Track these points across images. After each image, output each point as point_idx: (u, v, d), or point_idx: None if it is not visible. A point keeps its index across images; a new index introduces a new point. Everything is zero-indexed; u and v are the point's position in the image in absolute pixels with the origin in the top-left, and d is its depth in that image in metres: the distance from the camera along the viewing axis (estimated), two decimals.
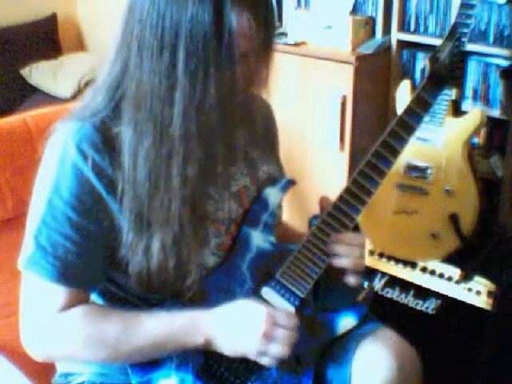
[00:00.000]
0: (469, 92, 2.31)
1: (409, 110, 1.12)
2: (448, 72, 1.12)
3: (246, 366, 1.11)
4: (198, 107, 0.97)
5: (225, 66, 0.96)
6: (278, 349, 1.03)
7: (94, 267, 1.06)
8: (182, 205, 1.01)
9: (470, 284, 1.99)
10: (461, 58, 1.14)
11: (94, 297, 1.15)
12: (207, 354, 1.08)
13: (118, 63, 1.03)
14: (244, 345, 1.04)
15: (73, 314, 1.05)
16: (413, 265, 2.13)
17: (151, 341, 1.04)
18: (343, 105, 2.38)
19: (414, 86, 2.26)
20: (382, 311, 1.31)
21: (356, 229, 1.18)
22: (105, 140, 1.03)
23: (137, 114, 1.00)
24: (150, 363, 1.08)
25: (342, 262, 1.12)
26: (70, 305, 1.05)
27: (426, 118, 1.15)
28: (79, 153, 1.01)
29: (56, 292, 1.04)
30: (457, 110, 2.19)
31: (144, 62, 0.98)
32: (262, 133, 1.25)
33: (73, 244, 1.03)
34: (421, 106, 1.12)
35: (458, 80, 1.24)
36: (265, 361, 1.05)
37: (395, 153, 1.12)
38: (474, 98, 2.31)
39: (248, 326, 1.04)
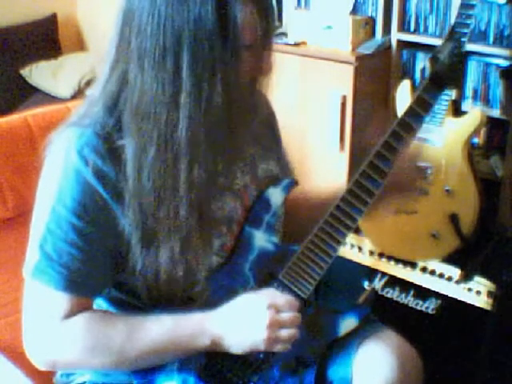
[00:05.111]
0: (469, 92, 2.31)
1: (410, 111, 1.12)
2: (448, 73, 1.12)
3: (247, 366, 1.11)
4: (205, 107, 0.96)
5: (230, 61, 0.95)
6: (288, 332, 1.04)
7: (100, 274, 1.05)
8: (189, 210, 1.01)
9: (470, 284, 1.99)
10: (461, 59, 1.14)
11: (102, 304, 1.15)
12: (209, 355, 1.08)
13: (116, 75, 1.01)
14: (252, 337, 1.04)
15: (76, 321, 1.03)
16: (413, 265, 2.12)
17: (156, 346, 1.03)
18: (343, 105, 2.38)
19: (414, 86, 2.26)
20: (382, 311, 1.31)
21: (356, 228, 1.18)
22: (108, 148, 1.01)
23: (140, 125, 0.98)
24: None
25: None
26: (73, 312, 1.03)
27: (426, 118, 1.16)
28: (81, 159, 1.00)
29: (60, 300, 1.02)
30: (457, 110, 2.19)
31: (145, 71, 0.96)
32: (261, 128, 1.24)
33: (78, 251, 1.01)
34: (422, 107, 1.12)
35: (459, 81, 1.24)
36: (278, 348, 1.05)
37: (396, 153, 1.12)
38: (474, 98, 2.31)
39: (253, 318, 1.04)
